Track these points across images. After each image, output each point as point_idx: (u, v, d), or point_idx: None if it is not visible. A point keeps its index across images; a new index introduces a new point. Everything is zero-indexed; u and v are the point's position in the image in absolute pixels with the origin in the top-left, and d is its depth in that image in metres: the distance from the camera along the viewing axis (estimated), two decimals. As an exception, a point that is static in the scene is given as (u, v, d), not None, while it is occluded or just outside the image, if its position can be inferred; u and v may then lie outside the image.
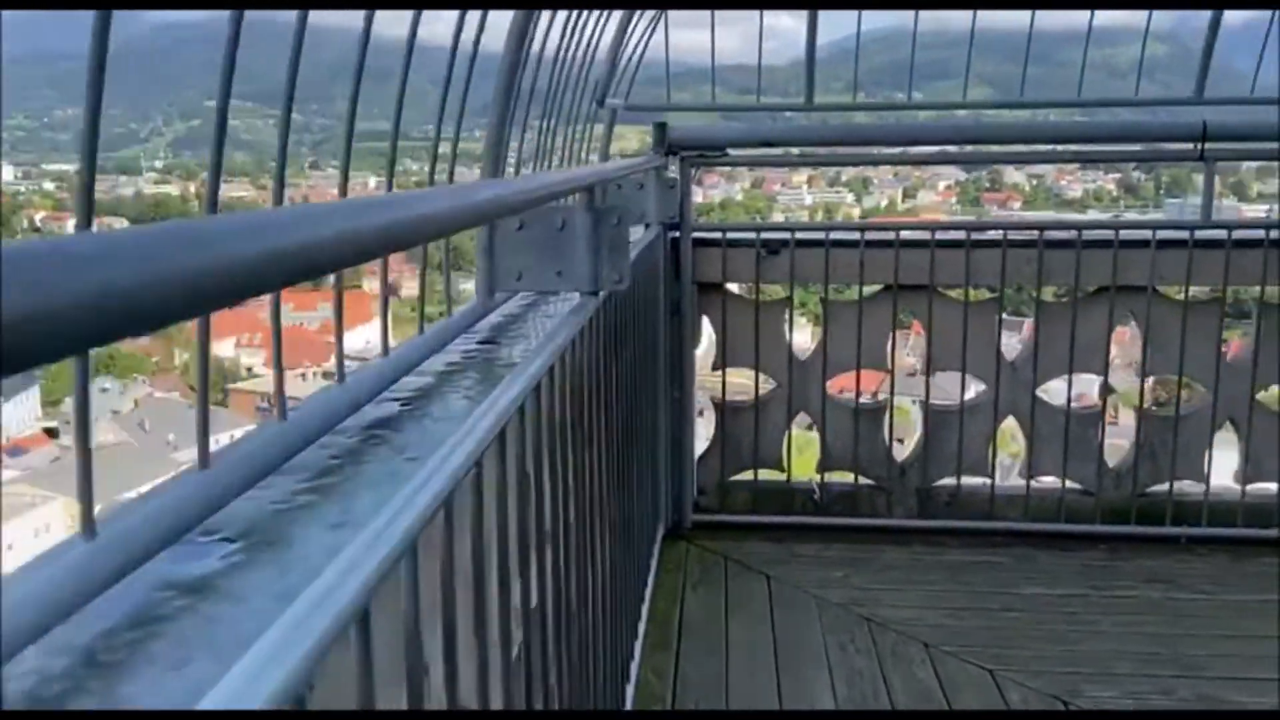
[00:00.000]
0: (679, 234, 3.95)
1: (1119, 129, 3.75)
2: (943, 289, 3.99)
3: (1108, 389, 3.98)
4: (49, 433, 13.78)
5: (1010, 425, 4.09)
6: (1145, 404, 3.96)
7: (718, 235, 3.99)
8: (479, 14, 2.33)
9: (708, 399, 4.25)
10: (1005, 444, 4.36)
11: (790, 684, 2.99)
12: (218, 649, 0.80)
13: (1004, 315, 4.02)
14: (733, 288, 4.12)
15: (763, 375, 4.12)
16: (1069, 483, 3.99)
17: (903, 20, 3.97)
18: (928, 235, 3.84)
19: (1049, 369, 3.99)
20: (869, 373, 4.11)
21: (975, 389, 4.12)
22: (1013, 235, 3.85)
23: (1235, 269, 3.74)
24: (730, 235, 4.00)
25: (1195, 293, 3.84)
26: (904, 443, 4.31)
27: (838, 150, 4.24)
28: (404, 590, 0.84)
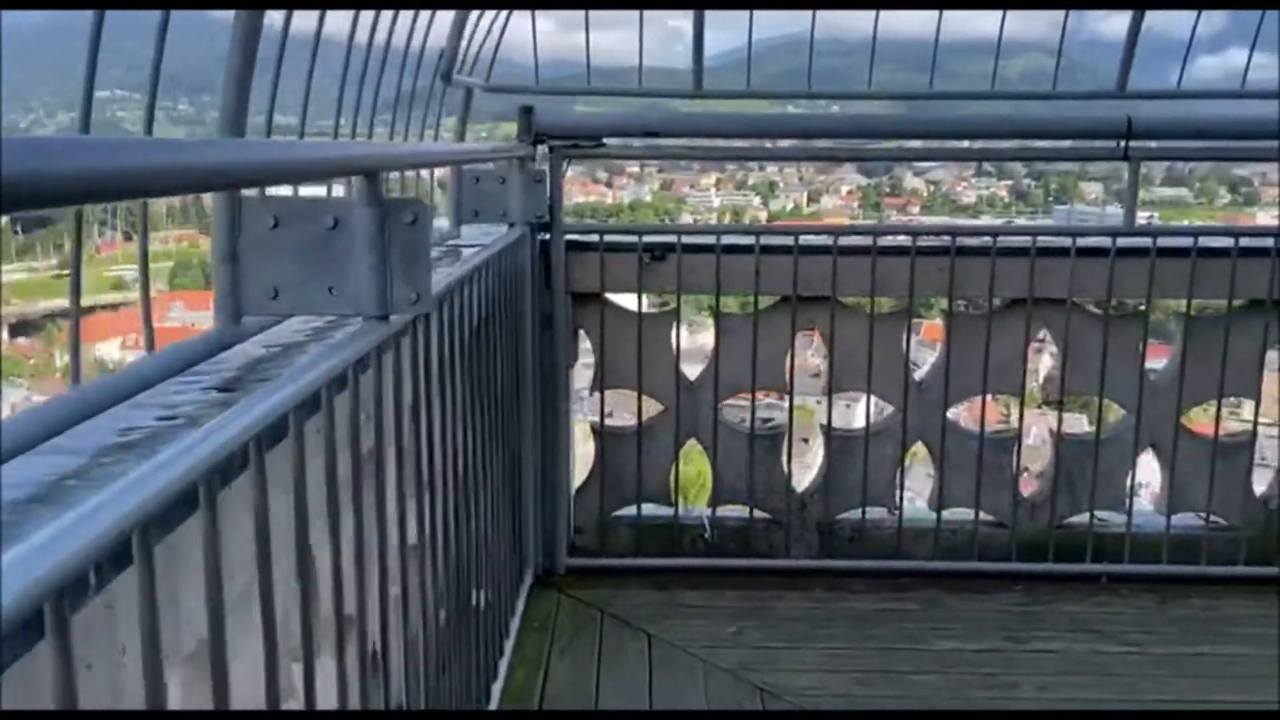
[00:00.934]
0: (549, 236, 3.37)
1: (1039, 123, 3.30)
2: (846, 300, 3.50)
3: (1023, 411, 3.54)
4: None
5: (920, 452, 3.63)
6: (1062, 427, 3.54)
7: (594, 238, 3.42)
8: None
9: (587, 424, 3.68)
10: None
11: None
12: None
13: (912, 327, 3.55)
14: (613, 298, 3.56)
15: (647, 397, 3.57)
16: (982, 514, 3.54)
17: (802, 27, 3.49)
18: (830, 241, 3.34)
19: (961, 389, 3.53)
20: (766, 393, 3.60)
21: (883, 411, 3.65)
22: (923, 241, 3.38)
23: (1159, 281, 3.34)
24: (609, 238, 3.43)
25: (1118, 305, 3.43)
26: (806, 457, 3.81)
27: (731, 143, 3.73)
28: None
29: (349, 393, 1.45)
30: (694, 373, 3.61)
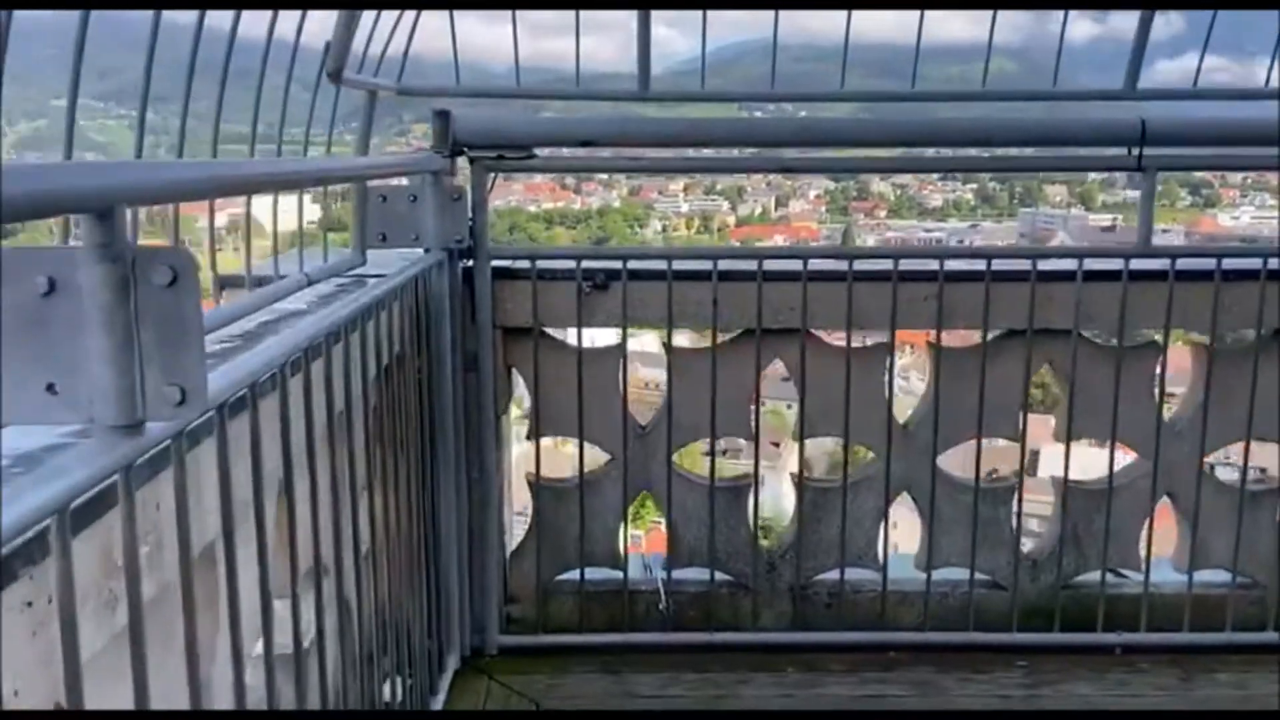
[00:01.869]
0: (473, 262, 2.84)
1: (1039, 128, 2.79)
2: (819, 331, 3.00)
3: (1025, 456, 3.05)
4: None
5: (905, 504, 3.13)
6: (1069, 474, 3.05)
7: (525, 264, 2.89)
8: None
9: (524, 478, 3.15)
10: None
11: None
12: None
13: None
14: (554, 332, 3.03)
15: (593, 446, 3.05)
16: (978, 574, 3.05)
17: (769, 32, 3.00)
18: (799, 265, 2.84)
19: (952, 432, 3.03)
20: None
21: (864, 457, 3.15)
22: (906, 265, 2.88)
23: (1178, 307, 2.87)
24: (543, 264, 2.90)
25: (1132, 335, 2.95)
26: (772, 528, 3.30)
27: (689, 152, 3.21)
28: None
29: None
30: (646, 417, 3.10)
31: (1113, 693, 2.75)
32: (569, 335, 2.99)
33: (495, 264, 2.85)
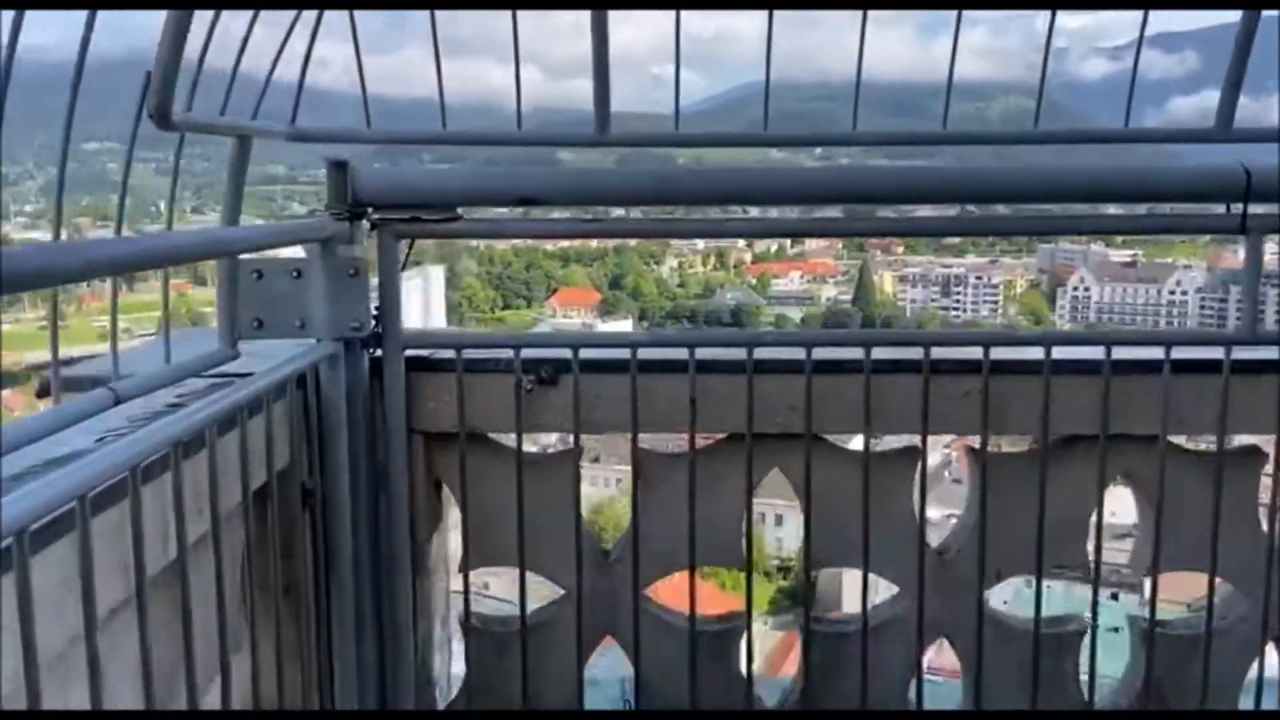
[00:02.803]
0: (382, 352, 2.19)
1: (1130, 180, 2.09)
2: (828, 436, 2.32)
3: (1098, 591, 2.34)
4: None
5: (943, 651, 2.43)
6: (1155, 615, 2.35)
7: (449, 354, 2.23)
8: None
9: (455, 619, 2.48)
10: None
11: None
12: None
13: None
14: (497, 436, 2.37)
15: (539, 578, 2.37)
16: (1036, 742, 2.34)
17: (790, 70, 2.35)
18: (801, 354, 2.17)
19: (1000, 562, 2.34)
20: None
21: (885, 593, 2.45)
22: (939, 353, 2.20)
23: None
24: (471, 353, 2.24)
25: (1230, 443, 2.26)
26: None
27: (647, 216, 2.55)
28: None
29: None
30: (606, 542, 2.43)
31: None
32: (510, 439, 2.33)
33: (411, 354, 2.20)
